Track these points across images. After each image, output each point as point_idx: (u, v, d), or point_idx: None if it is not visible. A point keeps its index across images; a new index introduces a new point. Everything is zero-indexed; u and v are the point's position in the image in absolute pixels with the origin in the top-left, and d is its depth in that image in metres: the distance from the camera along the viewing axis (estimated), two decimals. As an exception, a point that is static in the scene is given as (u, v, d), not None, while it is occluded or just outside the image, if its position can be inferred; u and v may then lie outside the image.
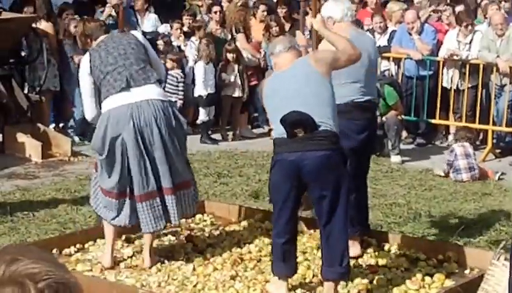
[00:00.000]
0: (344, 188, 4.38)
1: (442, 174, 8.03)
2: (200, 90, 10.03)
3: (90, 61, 5.11)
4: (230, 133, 10.31)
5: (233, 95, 10.12)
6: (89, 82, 5.13)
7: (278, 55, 4.68)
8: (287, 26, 10.37)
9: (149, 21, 11.19)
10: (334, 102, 4.50)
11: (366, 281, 4.83)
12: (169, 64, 10.20)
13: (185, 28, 10.82)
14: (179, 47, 10.63)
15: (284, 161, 4.45)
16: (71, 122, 9.99)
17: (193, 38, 10.53)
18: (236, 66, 10.09)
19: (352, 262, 5.06)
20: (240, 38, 10.45)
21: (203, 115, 10.09)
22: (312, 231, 5.53)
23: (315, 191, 4.43)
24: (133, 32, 5.57)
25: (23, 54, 9.55)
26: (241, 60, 10.15)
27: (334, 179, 4.36)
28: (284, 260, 4.59)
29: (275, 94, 4.59)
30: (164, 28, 11.18)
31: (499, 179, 7.89)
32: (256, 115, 11.01)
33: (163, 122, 4.96)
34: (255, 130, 10.65)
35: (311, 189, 4.43)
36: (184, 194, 5.16)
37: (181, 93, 10.24)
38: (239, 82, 10.10)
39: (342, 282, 4.61)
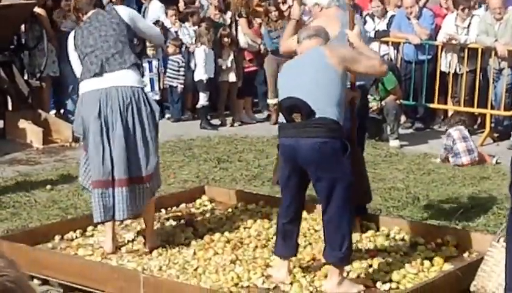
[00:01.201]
0: (341, 176, 4.38)
1: (439, 160, 8.06)
2: (201, 74, 10.06)
3: (74, 38, 5.17)
4: (229, 119, 10.34)
5: (229, 80, 10.14)
6: (76, 57, 5.19)
7: (301, 42, 4.69)
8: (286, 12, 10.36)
9: (153, 10, 11.15)
10: (340, 92, 4.45)
11: (365, 265, 4.88)
12: (170, 49, 10.23)
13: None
14: (176, 32, 10.63)
15: (283, 146, 4.56)
16: (69, 106, 9.98)
17: (187, 24, 10.54)
18: (231, 52, 10.10)
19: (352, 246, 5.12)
20: (242, 22, 10.46)
21: (203, 99, 10.12)
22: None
23: (312, 176, 4.48)
24: (118, 7, 5.36)
25: (23, 40, 9.56)
26: (235, 43, 10.16)
27: (330, 166, 4.37)
28: (285, 241, 4.68)
29: (283, 80, 4.65)
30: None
31: (497, 163, 7.93)
32: (256, 100, 11.04)
33: (129, 111, 4.90)
34: (254, 116, 10.67)
35: (309, 174, 4.48)
36: (140, 188, 4.99)
37: (182, 77, 10.27)
38: (234, 67, 10.13)
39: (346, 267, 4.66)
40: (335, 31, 5.02)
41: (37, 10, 9.54)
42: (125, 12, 5.19)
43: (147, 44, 8.42)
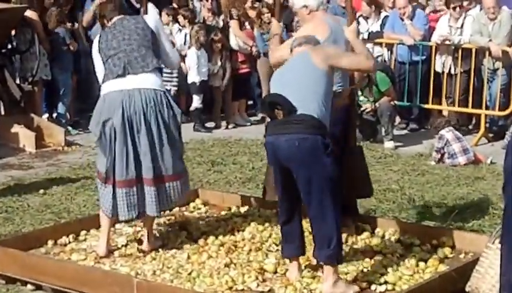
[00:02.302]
0: (322, 172, 4.36)
1: (433, 163, 8.05)
2: (194, 76, 10.04)
3: (99, 41, 5.26)
4: (224, 121, 10.32)
5: (214, 85, 10.14)
6: (99, 60, 5.27)
7: (293, 50, 4.73)
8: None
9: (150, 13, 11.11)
10: (324, 90, 4.47)
11: (360, 266, 4.86)
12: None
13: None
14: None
15: (266, 143, 4.61)
16: (60, 109, 9.95)
17: (176, 26, 10.52)
18: (219, 57, 10.10)
19: (347, 248, 5.10)
20: (233, 24, 10.44)
21: (196, 102, 10.11)
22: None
23: (294, 173, 4.46)
24: (146, 15, 5.43)
25: (14, 44, 9.53)
26: (226, 48, 10.16)
27: (310, 163, 4.36)
28: (286, 242, 4.69)
29: (272, 83, 4.70)
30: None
31: (491, 163, 7.92)
32: (250, 102, 11.02)
33: (153, 113, 4.98)
34: (249, 118, 10.65)
35: (292, 171, 4.47)
36: (168, 187, 5.08)
37: (176, 80, 10.25)
38: (221, 73, 10.12)
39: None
40: (324, 36, 5.00)
41: (28, 13, 9.51)
42: (151, 19, 5.29)
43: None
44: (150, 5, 5.63)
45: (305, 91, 4.44)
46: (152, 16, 5.38)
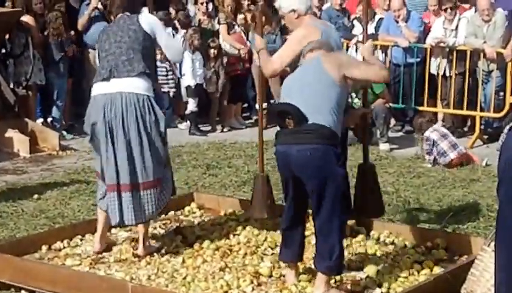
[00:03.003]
0: (332, 184, 4.32)
1: (430, 165, 8.06)
2: (189, 80, 10.04)
3: (99, 38, 5.28)
4: (219, 125, 10.31)
5: (208, 90, 10.13)
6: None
7: (304, 56, 4.68)
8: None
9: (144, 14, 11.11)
10: (336, 99, 4.40)
11: (355, 269, 4.85)
12: (158, 55, 10.19)
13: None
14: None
15: (277, 153, 4.54)
16: (54, 113, 9.93)
17: (168, 30, 10.52)
18: (213, 63, 10.09)
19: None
20: (222, 29, 10.46)
21: (191, 105, 10.10)
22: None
23: (305, 184, 4.42)
24: (141, 16, 5.26)
25: (8, 48, 9.51)
26: (221, 54, 10.17)
27: (321, 174, 4.32)
28: (286, 246, 4.66)
29: (283, 90, 4.62)
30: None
31: (486, 165, 7.92)
32: (245, 105, 11.01)
33: (133, 117, 4.94)
34: (244, 121, 10.64)
35: (303, 181, 4.42)
36: (143, 196, 5.01)
37: (172, 82, 10.25)
38: (214, 79, 10.11)
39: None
40: (316, 38, 4.90)
41: (25, 18, 9.51)
42: (146, 20, 5.18)
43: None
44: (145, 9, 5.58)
45: (315, 100, 4.37)
46: (146, 16, 5.29)
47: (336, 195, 4.35)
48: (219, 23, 10.52)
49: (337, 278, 4.68)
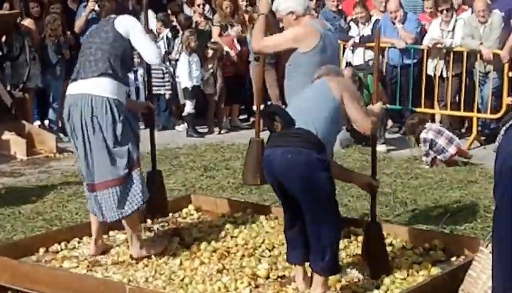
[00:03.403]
0: (315, 187, 4.27)
1: (427, 166, 8.07)
2: (185, 82, 10.04)
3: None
4: (216, 127, 10.32)
5: (206, 91, 10.13)
6: None
7: (314, 81, 4.68)
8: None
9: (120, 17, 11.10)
10: (332, 113, 4.39)
11: (353, 271, 4.85)
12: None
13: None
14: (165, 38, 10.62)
15: (264, 156, 4.51)
16: (51, 115, 9.94)
17: (166, 32, 10.53)
18: (211, 64, 10.09)
19: (340, 252, 5.08)
20: (214, 30, 10.46)
21: (189, 107, 10.10)
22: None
23: (289, 187, 4.38)
24: (118, 18, 5.12)
25: (4, 50, 9.51)
26: (220, 56, 10.17)
27: (301, 177, 4.27)
28: (290, 247, 4.63)
29: (289, 106, 4.66)
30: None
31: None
32: (242, 107, 11.02)
33: (89, 118, 4.93)
34: (241, 123, 10.65)
35: (285, 185, 4.39)
36: (101, 196, 5.01)
37: (168, 84, 10.25)
38: (212, 80, 10.11)
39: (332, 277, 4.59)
40: (315, 41, 4.97)
41: (26, 21, 9.52)
42: (121, 22, 5.08)
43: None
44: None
45: (310, 108, 4.38)
46: (123, 18, 5.12)
47: (320, 197, 4.30)
48: (212, 25, 10.53)
49: (344, 282, 4.67)
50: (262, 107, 10.25)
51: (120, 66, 5.03)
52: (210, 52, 10.10)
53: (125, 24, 5.06)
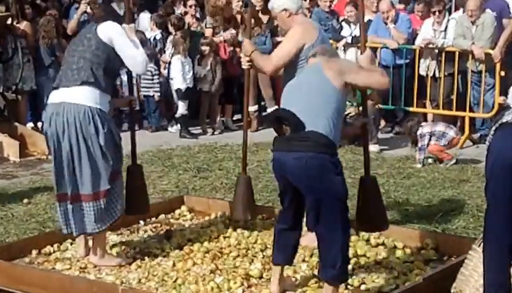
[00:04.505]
0: (330, 192, 4.25)
1: (419, 165, 8.09)
2: (179, 83, 10.04)
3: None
4: (209, 128, 10.32)
5: (203, 89, 10.14)
6: None
7: (308, 60, 4.71)
8: (265, 18, 10.34)
9: (143, 21, 11.11)
10: (335, 106, 4.35)
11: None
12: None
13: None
14: (157, 39, 10.62)
15: (273, 159, 4.47)
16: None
17: (157, 32, 10.53)
18: (209, 61, 10.10)
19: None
20: (207, 32, 10.47)
21: (182, 108, 10.10)
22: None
23: (303, 194, 4.35)
24: (101, 24, 5.02)
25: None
26: (216, 54, 10.17)
27: (318, 182, 4.24)
28: (279, 250, 4.59)
29: (283, 97, 4.59)
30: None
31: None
32: (237, 107, 11.01)
33: (72, 128, 4.86)
34: (234, 124, 10.65)
35: (300, 189, 4.36)
36: (86, 207, 4.97)
37: (158, 86, 10.25)
38: (210, 76, 10.12)
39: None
40: (316, 33, 5.09)
41: (23, 26, 9.53)
42: (103, 29, 4.98)
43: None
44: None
45: (315, 107, 4.31)
46: (106, 25, 5.02)
47: (335, 204, 4.26)
48: (206, 26, 10.54)
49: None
50: (256, 107, 10.43)
51: (104, 75, 4.95)
52: (206, 49, 10.08)
53: (108, 32, 4.97)
